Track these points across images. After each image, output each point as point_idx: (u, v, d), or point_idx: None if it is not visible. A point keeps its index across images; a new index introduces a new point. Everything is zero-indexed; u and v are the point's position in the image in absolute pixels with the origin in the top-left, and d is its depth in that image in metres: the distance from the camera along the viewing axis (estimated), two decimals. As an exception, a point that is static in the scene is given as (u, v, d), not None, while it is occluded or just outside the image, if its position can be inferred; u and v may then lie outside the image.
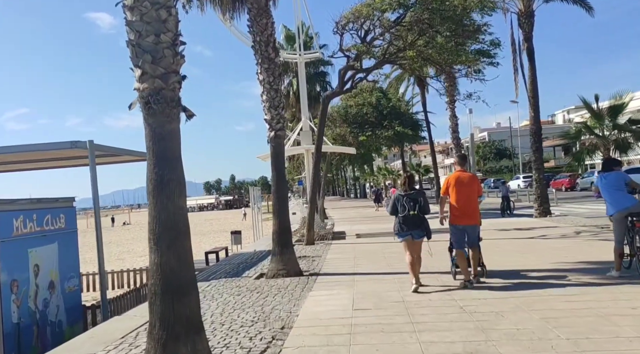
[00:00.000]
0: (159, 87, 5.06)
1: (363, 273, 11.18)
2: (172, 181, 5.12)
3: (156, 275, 5.07)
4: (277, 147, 11.84)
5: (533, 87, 23.72)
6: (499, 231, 18.64)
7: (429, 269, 10.37)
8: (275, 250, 11.56)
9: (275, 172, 11.78)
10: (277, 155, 11.83)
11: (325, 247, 17.04)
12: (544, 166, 24.46)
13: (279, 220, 11.70)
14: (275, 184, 11.82)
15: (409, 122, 28.71)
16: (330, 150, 24.74)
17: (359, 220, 31.13)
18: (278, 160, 11.83)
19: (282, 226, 11.72)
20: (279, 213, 11.72)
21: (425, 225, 8.89)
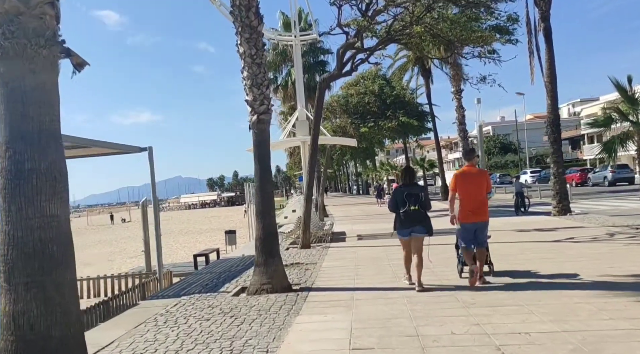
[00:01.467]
0: (14, 9, 3.01)
1: (365, 289, 9.17)
2: (38, 174, 3.11)
3: (6, 336, 2.98)
4: (261, 134, 9.80)
5: (550, 71, 21.63)
6: (518, 232, 16.64)
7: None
8: (259, 260, 9.56)
9: (258, 164, 9.78)
10: (261, 144, 9.80)
11: (322, 251, 15.05)
12: (562, 159, 22.38)
13: (263, 224, 9.69)
14: (258, 179, 9.81)
15: (414, 111, 26.48)
16: (328, 141, 22.61)
17: (360, 218, 29.16)
18: (262, 150, 9.81)
19: (267, 231, 9.70)
20: (263, 215, 9.71)
21: (427, 220, 8.60)
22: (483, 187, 8.80)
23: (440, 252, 11.31)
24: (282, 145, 19.63)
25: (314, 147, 15.72)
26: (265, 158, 9.82)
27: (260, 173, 9.75)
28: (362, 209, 38.71)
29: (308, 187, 16.21)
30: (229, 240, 26.50)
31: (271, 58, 33.90)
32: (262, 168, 9.77)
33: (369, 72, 27.94)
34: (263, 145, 9.81)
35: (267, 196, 9.79)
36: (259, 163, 9.75)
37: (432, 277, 9.51)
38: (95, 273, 22.77)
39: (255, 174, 9.84)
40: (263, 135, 9.79)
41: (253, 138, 9.82)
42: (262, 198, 9.75)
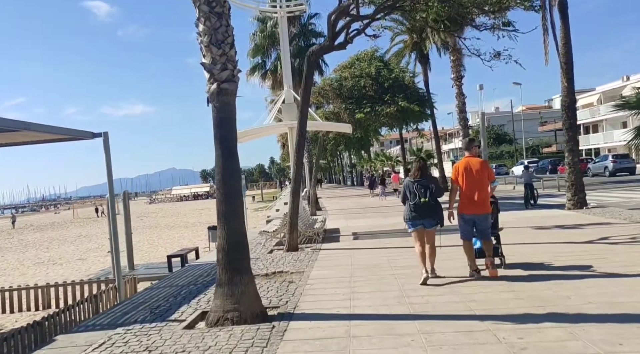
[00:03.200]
0: None
1: (365, 316, 6.87)
2: None
3: None
4: (223, 110, 7.45)
5: (566, 50, 19.42)
6: (536, 229, 14.47)
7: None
8: (222, 279, 7.27)
9: (220, 149, 7.45)
10: (223, 123, 7.46)
11: (311, 255, 12.80)
12: (578, 147, 20.17)
13: (227, 230, 7.39)
14: (220, 170, 7.48)
15: (414, 96, 24.07)
16: (320, 128, 20.18)
17: (356, 211, 26.90)
18: (225, 131, 7.48)
19: (232, 239, 7.40)
20: (226, 218, 7.40)
21: (438, 212, 8.62)
22: (484, 178, 8.62)
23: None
24: (265, 131, 17.22)
25: (302, 131, 13.41)
26: (230, 141, 7.48)
27: (223, 161, 7.42)
28: (356, 201, 36.50)
29: (295, 179, 13.91)
30: (212, 236, 24.16)
31: (259, 41, 31.54)
32: (224, 155, 7.44)
33: (364, 53, 25.49)
34: (226, 124, 7.47)
35: (232, 193, 7.45)
36: (221, 148, 7.42)
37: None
38: (63, 273, 20.65)
39: (216, 163, 7.50)
40: (226, 110, 7.44)
41: (213, 115, 7.48)
42: (225, 195, 7.43)
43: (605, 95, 60.46)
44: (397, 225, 17.63)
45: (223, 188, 7.47)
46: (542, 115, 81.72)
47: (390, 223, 18.87)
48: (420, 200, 8.46)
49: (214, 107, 7.49)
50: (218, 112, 7.45)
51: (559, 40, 19.41)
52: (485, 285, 8.21)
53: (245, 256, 7.56)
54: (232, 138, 7.55)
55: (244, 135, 16.58)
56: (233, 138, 7.56)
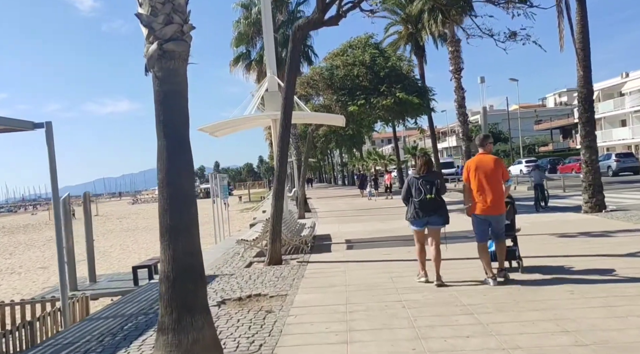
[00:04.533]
0: None
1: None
2: None
3: None
4: (169, 80, 5.28)
5: (583, 36, 17.39)
6: (559, 238, 12.48)
7: None
8: (166, 322, 5.14)
9: (164, 137, 5.28)
10: (168, 99, 5.29)
11: (297, 270, 10.65)
12: (596, 144, 18.13)
13: (173, 251, 5.24)
14: (164, 167, 5.30)
15: (413, 86, 21.79)
16: (309, 119, 17.84)
17: (349, 214, 24.78)
18: (170, 111, 5.31)
19: (181, 264, 5.27)
20: (172, 235, 5.25)
21: (444, 208, 8.31)
22: (498, 177, 8.15)
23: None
24: (245, 123, 14.93)
25: (286, 122, 11.23)
26: (178, 126, 5.31)
27: (168, 154, 5.25)
28: (348, 202, 34.41)
29: (279, 179, 11.71)
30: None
31: (243, 29, 29.29)
32: (170, 146, 5.27)
33: (357, 40, 23.18)
34: (173, 101, 5.30)
35: (180, 198, 5.28)
36: (165, 135, 5.26)
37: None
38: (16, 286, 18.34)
39: (158, 157, 5.32)
40: (172, 81, 5.27)
41: (154, 87, 5.31)
42: (171, 202, 5.26)
43: (604, 93, 58.71)
44: (396, 230, 15.58)
45: (168, 191, 5.30)
46: (537, 113, 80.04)
47: (389, 228, 16.81)
48: (427, 196, 8.16)
49: (154, 76, 5.32)
50: (161, 83, 5.28)
51: (574, 24, 17.37)
52: (519, 309, 6.66)
53: (200, 287, 5.40)
54: (182, 121, 5.38)
55: (219, 127, 14.35)
56: (182, 121, 5.39)
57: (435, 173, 8.70)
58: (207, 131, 14.13)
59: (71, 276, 14.65)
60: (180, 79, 5.40)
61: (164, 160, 5.30)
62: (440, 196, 8.33)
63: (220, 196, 21.82)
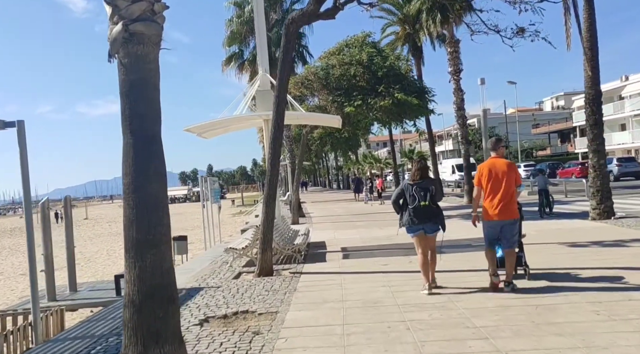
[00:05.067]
0: None
1: None
2: None
3: None
4: (137, 68, 4.45)
5: (591, 34, 16.62)
6: (570, 247, 11.71)
7: None
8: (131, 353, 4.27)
9: (131, 134, 4.44)
10: (135, 90, 4.46)
11: (289, 283, 9.79)
12: (604, 147, 17.34)
13: (139, 269, 4.47)
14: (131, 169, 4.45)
15: (412, 87, 20.85)
16: (303, 120, 16.86)
17: (344, 219, 23.92)
18: (138, 103, 4.47)
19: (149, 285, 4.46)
20: (139, 250, 4.49)
21: (439, 216, 8.17)
22: (511, 181, 7.92)
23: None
24: (235, 123, 13.98)
25: (278, 122, 10.38)
26: (147, 122, 4.47)
27: (135, 154, 4.43)
28: (344, 207, 33.58)
29: (270, 183, 10.85)
30: (177, 248, 21.07)
31: (235, 28, 28.38)
32: (138, 144, 4.44)
33: (354, 39, 22.24)
34: (140, 92, 4.47)
35: (149, 207, 4.45)
36: (132, 132, 4.43)
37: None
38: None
39: (123, 157, 4.48)
40: (140, 69, 4.46)
41: (119, 76, 4.47)
42: (137, 209, 4.43)
43: (603, 96, 57.71)
44: (393, 238, 14.75)
45: (134, 199, 4.47)
46: (535, 117, 79.44)
47: (386, 235, 15.98)
48: (420, 203, 8.00)
49: (119, 63, 4.49)
50: (127, 71, 4.45)
51: (582, 21, 16.61)
52: (540, 334, 5.80)
53: (171, 312, 4.56)
54: (152, 116, 4.55)
55: (207, 128, 13.44)
56: (153, 116, 4.56)
57: (430, 179, 8.45)
58: (195, 132, 13.25)
59: (49, 286, 13.81)
60: (151, 67, 4.55)
61: (130, 161, 4.46)
62: (435, 203, 8.14)
63: (210, 201, 20.98)
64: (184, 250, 21.17)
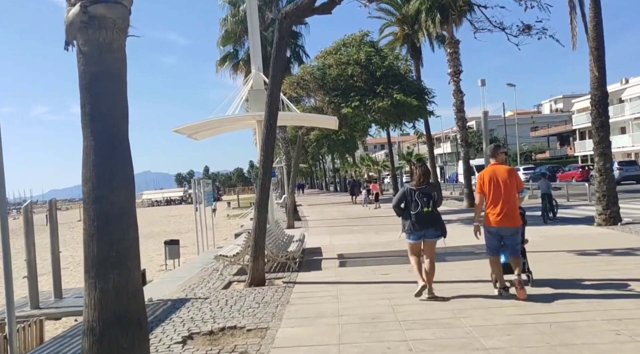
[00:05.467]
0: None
1: None
2: None
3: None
4: (99, 57, 3.83)
5: (597, 33, 16.05)
6: (579, 255, 11.11)
7: None
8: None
9: (92, 135, 3.80)
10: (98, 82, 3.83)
11: (282, 294, 9.16)
12: (611, 151, 16.76)
13: (101, 292, 3.77)
14: (93, 175, 3.81)
15: (411, 87, 20.16)
16: (298, 121, 16.17)
17: (341, 223, 23.27)
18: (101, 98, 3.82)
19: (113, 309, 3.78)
20: (101, 269, 3.81)
21: (439, 222, 7.99)
22: (513, 188, 7.81)
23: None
24: (227, 124, 13.25)
25: (271, 122, 9.75)
26: (111, 120, 3.85)
27: (97, 157, 3.80)
28: (341, 210, 32.88)
29: (262, 187, 10.22)
30: (169, 253, 20.44)
31: (230, 27, 27.74)
32: (100, 146, 3.81)
33: (352, 38, 21.58)
34: (104, 85, 3.86)
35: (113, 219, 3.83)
36: (93, 133, 3.80)
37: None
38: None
39: (84, 161, 3.84)
40: (103, 59, 3.84)
41: (79, 66, 3.83)
42: (99, 222, 3.81)
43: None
44: (392, 244, 14.17)
45: (96, 210, 3.83)
46: (534, 120, 78.98)
47: (384, 241, 15.37)
48: (423, 209, 7.84)
49: (78, 51, 3.86)
50: (87, 61, 3.82)
51: (588, 20, 16.03)
52: (550, 350, 4.98)
53: (138, 342, 3.92)
54: (117, 115, 3.92)
55: (198, 129, 12.77)
56: (118, 115, 3.94)
57: (433, 185, 8.31)
58: (185, 133, 12.60)
59: (32, 292, 13.16)
60: (116, 57, 3.92)
61: (90, 166, 3.82)
62: (436, 209, 8.03)
63: (204, 203, 20.35)
64: (176, 254, 20.54)
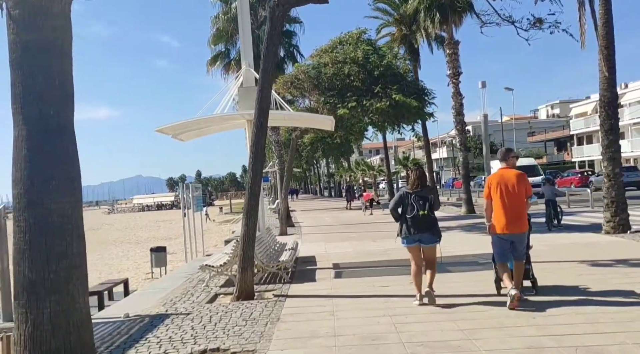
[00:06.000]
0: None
1: None
2: None
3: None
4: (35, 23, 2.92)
5: (607, 31, 15.29)
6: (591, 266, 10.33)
7: None
8: None
9: (24, 124, 2.91)
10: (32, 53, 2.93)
11: (272, 310, 8.27)
12: (620, 155, 16.01)
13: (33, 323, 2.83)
14: (24, 173, 2.91)
15: (411, 88, 19.23)
16: (291, 121, 15.19)
17: (336, 230, 22.41)
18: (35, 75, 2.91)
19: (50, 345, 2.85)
20: (32, 294, 2.91)
21: (436, 227, 7.84)
22: (522, 193, 7.64)
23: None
24: (214, 124, 12.23)
25: (261, 120, 8.90)
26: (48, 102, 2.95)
27: (28, 153, 2.90)
28: (335, 216, 31.99)
29: (251, 192, 9.34)
30: (155, 260, 19.53)
31: (221, 25, 26.86)
32: (35, 137, 2.92)
33: (348, 35, 20.56)
34: (41, 58, 2.96)
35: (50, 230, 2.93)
36: (26, 121, 2.90)
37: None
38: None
39: (14, 158, 2.94)
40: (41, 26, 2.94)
41: (8, 35, 2.93)
42: (32, 234, 2.91)
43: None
44: (391, 252, 13.36)
45: (28, 217, 2.94)
46: (531, 125, 78.48)
47: (382, 249, 14.53)
48: (419, 213, 7.73)
49: (8, 15, 2.97)
50: (18, 27, 3.02)
51: (598, 17, 15.25)
52: None
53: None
54: (57, 97, 3.03)
55: (182, 128, 11.81)
56: (60, 97, 3.04)
57: (429, 188, 8.18)
58: (169, 133, 11.68)
59: (5, 304, 12.24)
60: (56, 25, 3.04)
61: (21, 162, 2.93)
62: (433, 212, 7.88)
63: (192, 209, 19.43)
64: (163, 262, 19.62)
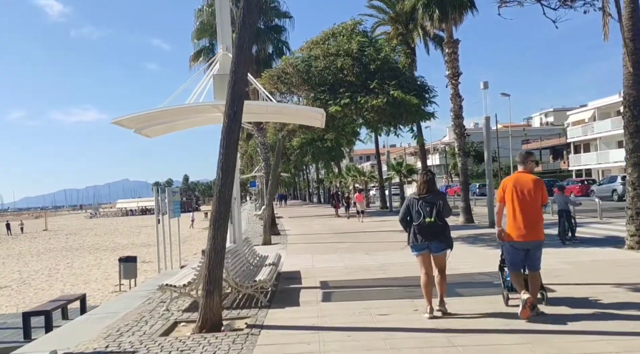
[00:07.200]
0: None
1: None
2: None
3: None
4: None
5: (633, 22, 13.69)
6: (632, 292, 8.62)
7: None
8: None
9: None
10: None
11: (241, 349, 6.40)
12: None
13: None
14: None
15: (410, 83, 17.23)
16: (274, 114, 12.99)
17: (325, 239, 20.57)
18: None
19: None
20: None
21: (445, 234, 7.49)
22: (537, 199, 7.25)
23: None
24: (183, 115, 10.24)
25: (234, 108, 7.12)
26: None
27: None
28: (325, 223, 30.11)
29: (220, 198, 7.50)
30: (124, 271, 17.64)
31: (205, 18, 25.00)
32: None
33: (342, 27, 18.61)
34: None
35: None
36: None
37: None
38: None
39: None
40: None
41: None
42: None
43: (600, 111, 55.67)
44: (388, 268, 11.62)
45: None
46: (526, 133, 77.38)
47: (378, 263, 12.79)
48: (425, 220, 7.31)
49: None
50: None
51: (622, 7, 13.63)
52: None
53: None
54: None
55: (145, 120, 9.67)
56: None
57: (437, 193, 7.74)
58: (130, 126, 9.71)
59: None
60: None
61: None
62: (442, 219, 7.48)
63: (168, 215, 17.54)
64: (133, 273, 17.73)
